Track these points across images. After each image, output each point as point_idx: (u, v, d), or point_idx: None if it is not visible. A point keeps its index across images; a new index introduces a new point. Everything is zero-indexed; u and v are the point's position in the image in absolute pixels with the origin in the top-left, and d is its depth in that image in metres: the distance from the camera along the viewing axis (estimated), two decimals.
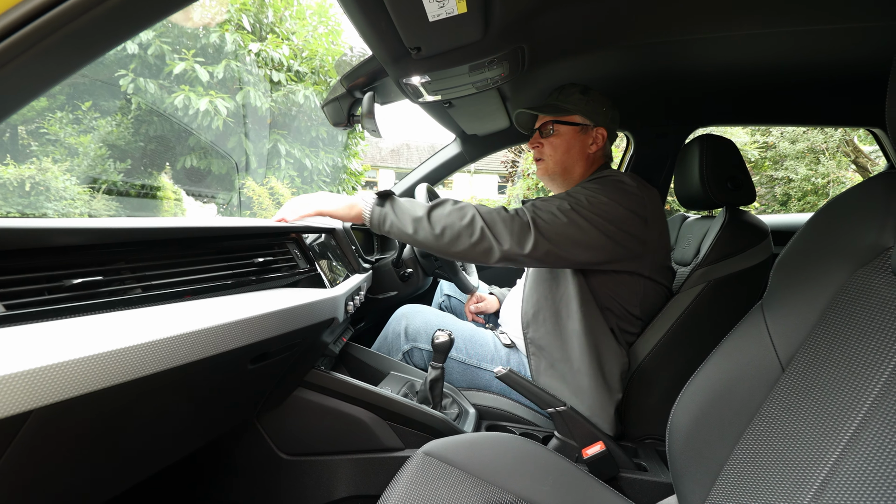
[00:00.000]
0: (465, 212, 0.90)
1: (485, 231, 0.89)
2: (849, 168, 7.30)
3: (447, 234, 0.89)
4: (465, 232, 0.89)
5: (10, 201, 4.19)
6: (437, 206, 0.92)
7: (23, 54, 0.37)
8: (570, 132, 1.10)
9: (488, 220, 0.89)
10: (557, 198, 0.96)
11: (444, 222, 0.89)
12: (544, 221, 0.91)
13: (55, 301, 0.49)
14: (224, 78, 5.88)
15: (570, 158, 1.11)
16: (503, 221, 0.90)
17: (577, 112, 1.08)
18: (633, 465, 0.96)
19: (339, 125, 1.13)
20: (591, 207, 0.93)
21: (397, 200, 0.94)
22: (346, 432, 0.97)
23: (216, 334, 0.60)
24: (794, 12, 0.84)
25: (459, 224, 0.89)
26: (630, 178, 1.02)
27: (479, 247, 0.89)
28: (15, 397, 0.41)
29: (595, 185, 0.98)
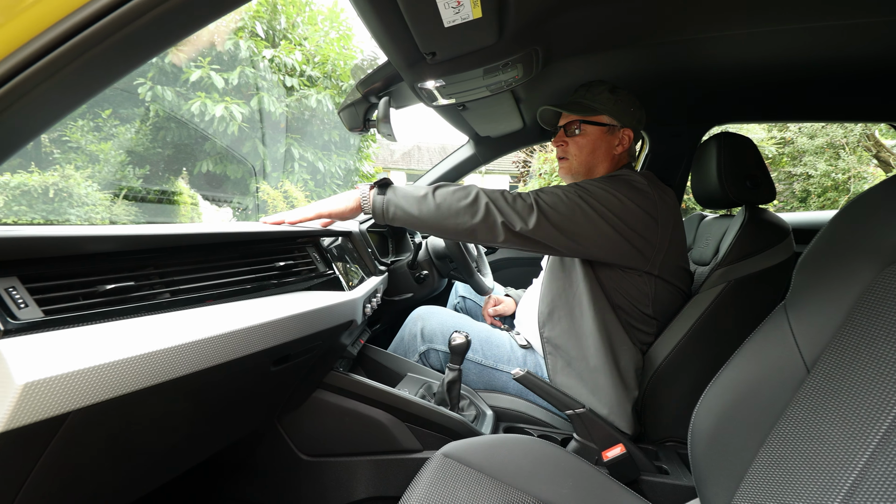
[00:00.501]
0: (468, 190, 0.91)
1: (489, 207, 0.89)
2: (870, 163, 7.09)
3: (452, 212, 0.90)
4: (469, 209, 0.89)
5: (35, 208, 4.32)
6: (440, 186, 0.93)
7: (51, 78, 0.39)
8: (597, 132, 1.08)
9: (492, 197, 0.90)
10: (565, 186, 0.97)
11: (448, 201, 0.90)
12: (547, 204, 0.92)
13: (90, 306, 0.51)
14: (239, 84, 5.99)
15: (595, 159, 1.10)
16: (506, 199, 0.91)
17: (606, 112, 1.06)
18: (654, 468, 0.95)
19: (355, 130, 1.15)
20: (597, 198, 0.93)
21: (398, 187, 0.95)
22: (364, 434, 0.98)
23: (242, 337, 0.62)
24: (811, 8, 0.83)
25: (464, 201, 0.90)
26: (642, 177, 1.00)
27: (484, 223, 0.89)
28: (54, 399, 0.43)
29: (605, 180, 0.98)
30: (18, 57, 0.38)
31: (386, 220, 0.95)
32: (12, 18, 0.38)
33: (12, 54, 0.38)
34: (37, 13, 0.38)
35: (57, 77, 0.39)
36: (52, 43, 0.38)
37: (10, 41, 0.38)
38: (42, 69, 0.39)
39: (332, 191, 7.20)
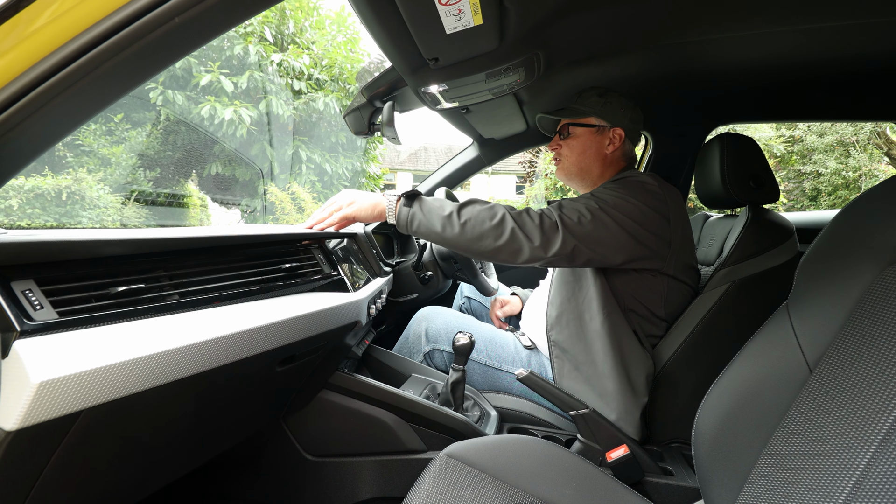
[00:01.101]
0: (494, 211, 0.91)
1: (514, 230, 0.89)
2: (882, 160, 6.97)
3: (476, 233, 0.89)
4: (494, 231, 0.89)
5: (48, 210, 4.41)
6: (466, 204, 0.92)
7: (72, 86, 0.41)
8: (586, 133, 1.11)
9: (517, 220, 0.90)
10: (583, 198, 0.97)
11: (473, 221, 0.90)
12: (571, 220, 0.91)
13: (102, 307, 0.53)
14: (248, 88, 6.06)
15: (586, 159, 1.12)
16: (532, 220, 0.90)
17: (593, 114, 1.09)
18: (658, 469, 0.95)
19: (360, 134, 1.16)
20: (617, 207, 0.94)
21: (425, 200, 0.94)
22: (369, 434, 0.99)
23: (248, 338, 0.63)
24: (813, 9, 0.83)
25: (489, 223, 0.89)
26: (651, 178, 1.02)
27: (508, 246, 0.89)
28: (67, 398, 0.44)
29: (618, 186, 0.98)
30: (39, 70, 0.40)
31: (409, 233, 0.95)
32: (29, 37, 0.40)
33: (33, 67, 0.40)
34: (54, 29, 0.40)
35: (74, 88, 0.41)
36: (69, 57, 0.40)
37: (29, 56, 0.40)
38: (61, 81, 0.40)
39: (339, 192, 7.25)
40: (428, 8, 0.66)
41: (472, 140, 1.75)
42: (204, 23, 0.43)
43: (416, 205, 0.93)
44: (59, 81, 0.41)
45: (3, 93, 0.40)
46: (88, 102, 0.44)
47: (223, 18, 0.45)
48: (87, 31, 0.40)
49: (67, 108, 0.42)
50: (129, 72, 0.43)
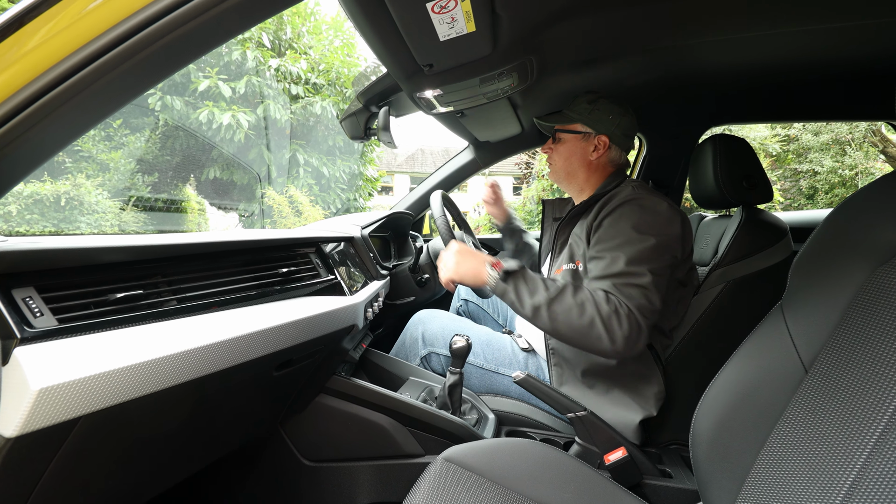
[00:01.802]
0: (584, 309, 0.90)
1: (601, 335, 0.89)
2: (878, 158, 7.00)
3: (564, 331, 0.91)
4: (582, 332, 0.90)
5: (47, 216, 4.41)
6: (558, 298, 0.92)
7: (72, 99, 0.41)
8: (572, 140, 1.13)
9: (606, 323, 0.89)
10: (630, 265, 0.94)
11: (563, 319, 0.91)
12: (646, 306, 0.91)
13: (101, 314, 0.53)
14: (246, 93, 6.07)
15: (572, 165, 1.14)
16: (619, 326, 0.89)
17: (580, 121, 1.11)
18: (657, 472, 0.95)
19: (356, 139, 1.17)
20: (654, 252, 0.94)
21: (520, 281, 0.95)
22: (366, 438, 1.00)
23: (244, 343, 0.64)
24: (806, 12, 0.84)
25: (578, 322, 0.90)
26: (650, 196, 1.00)
27: (594, 346, 0.91)
28: (66, 404, 0.45)
29: (632, 221, 0.96)
30: (41, 83, 0.40)
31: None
32: (32, 50, 0.41)
33: (35, 80, 0.40)
34: (56, 44, 0.41)
35: (74, 100, 0.42)
36: (69, 70, 0.41)
37: (32, 68, 0.40)
38: (61, 94, 0.41)
39: (336, 195, 7.26)
40: (421, 16, 0.67)
41: (468, 143, 1.76)
42: (204, 34, 0.44)
43: (511, 282, 0.95)
44: (60, 94, 0.41)
45: (7, 105, 0.40)
46: (88, 114, 0.44)
47: (223, 30, 0.46)
48: (86, 46, 0.41)
49: (68, 120, 0.43)
50: (128, 84, 0.44)
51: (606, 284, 0.94)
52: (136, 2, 0.41)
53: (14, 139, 0.41)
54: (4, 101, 0.40)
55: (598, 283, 0.95)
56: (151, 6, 0.41)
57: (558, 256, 1.12)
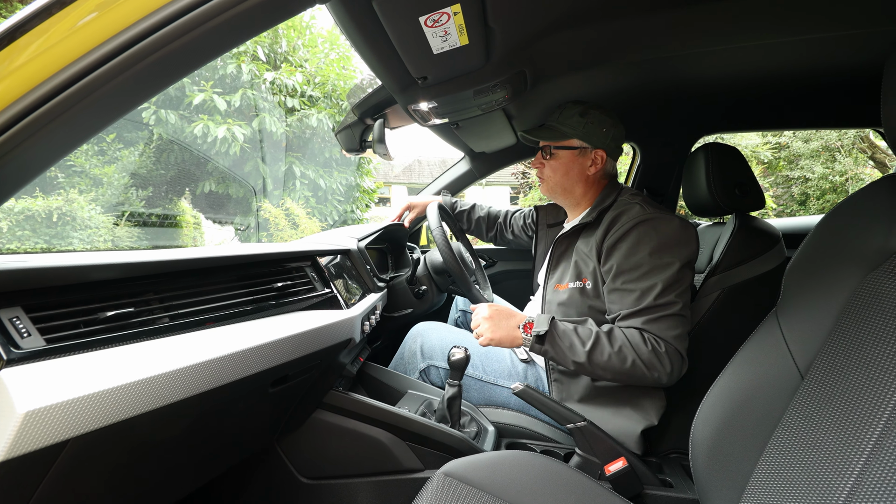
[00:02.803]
0: (623, 356, 0.92)
1: (644, 373, 0.92)
2: (867, 164, 7.12)
3: (609, 377, 0.94)
4: (626, 374, 0.92)
5: (38, 232, 4.37)
6: (596, 349, 0.93)
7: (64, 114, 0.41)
8: (569, 155, 1.11)
9: (647, 363, 0.91)
10: (660, 297, 0.93)
11: (605, 367, 0.92)
12: (682, 335, 0.94)
13: (90, 333, 0.52)
14: (241, 106, 6.10)
15: (568, 180, 1.13)
16: (660, 362, 0.91)
17: (575, 136, 1.09)
18: (657, 481, 0.94)
19: (351, 151, 1.17)
20: (676, 276, 0.94)
21: (554, 340, 0.95)
22: (365, 454, 0.98)
23: (239, 360, 0.63)
24: (794, 23, 0.85)
25: (621, 368, 0.92)
26: (662, 215, 0.99)
27: (637, 382, 0.94)
28: (53, 427, 0.44)
29: (652, 245, 0.96)
30: (34, 96, 0.40)
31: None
32: (22, 66, 0.40)
33: (28, 93, 0.40)
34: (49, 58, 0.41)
35: (69, 114, 0.42)
36: (64, 84, 0.41)
37: (23, 83, 0.40)
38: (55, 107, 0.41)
39: (334, 207, 7.26)
40: (415, 30, 0.68)
41: (464, 154, 1.77)
42: (199, 48, 0.44)
43: (549, 344, 0.95)
44: (52, 109, 0.41)
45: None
46: (81, 129, 0.44)
47: (218, 43, 0.46)
48: (79, 60, 0.41)
49: (60, 135, 0.42)
50: (121, 98, 0.44)
51: (639, 322, 0.94)
52: (129, 17, 0.41)
53: (4, 154, 0.40)
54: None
55: (630, 320, 0.95)
56: (144, 21, 0.41)
57: (556, 269, 1.12)
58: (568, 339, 0.94)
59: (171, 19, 0.42)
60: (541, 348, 0.95)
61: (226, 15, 0.43)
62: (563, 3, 0.75)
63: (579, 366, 0.93)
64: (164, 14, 0.42)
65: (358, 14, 0.65)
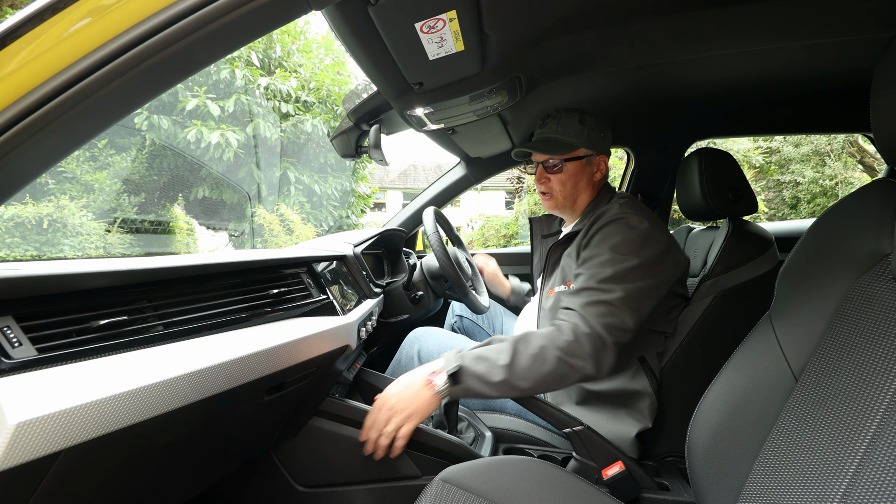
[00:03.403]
0: (544, 355, 0.87)
1: (571, 364, 0.87)
2: (856, 168, 7.24)
3: (537, 386, 0.87)
4: (551, 376, 0.87)
5: (28, 239, 4.32)
6: (515, 360, 0.87)
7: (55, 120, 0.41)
8: (577, 166, 1.09)
9: (567, 351, 0.87)
10: (602, 282, 0.93)
11: (529, 376, 0.87)
12: (613, 324, 0.90)
13: (83, 342, 0.52)
14: (235, 111, 6.09)
15: (577, 190, 1.11)
16: (579, 346, 0.88)
17: (581, 145, 1.08)
18: (654, 485, 0.94)
19: (347, 157, 1.17)
20: (634, 273, 0.93)
21: (468, 372, 0.87)
22: (362, 461, 0.97)
23: (234, 368, 0.62)
24: (786, 30, 0.87)
25: (542, 370, 0.87)
26: (635, 215, 0.99)
27: (565, 381, 0.89)
28: (44, 439, 0.43)
29: (615, 241, 0.96)
30: (24, 104, 0.40)
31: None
32: (10, 74, 0.40)
33: (18, 101, 0.40)
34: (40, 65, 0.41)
35: (60, 121, 0.41)
36: (55, 91, 0.40)
37: (10, 92, 0.40)
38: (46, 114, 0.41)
39: (329, 212, 7.25)
40: (411, 36, 0.68)
41: (460, 159, 1.78)
42: (193, 54, 0.44)
43: (464, 380, 0.88)
44: (43, 116, 0.41)
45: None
46: (72, 136, 0.44)
47: (212, 49, 0.46)
48: (70, 67, 0.40)
49: (51, 142, 0.42)
50: (113, 105, 0.43)
51: (577, 303, 0.93)
52: (123, 23, 0.41)
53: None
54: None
55: (571, 299, 0.95)
56: (138, 27, 0.41)
57: (551, 277, 1.13)
58: (483, 362, 0.88)
59: (166, 25, 0.42)
60: (460, 388, 0.87)
61: (220, 21, 0.43)
62: (559, 9, 0.76)
63: (505, 385, 0.86)
64: (158, 20, 0.41)
65: (354, 20, 0.65)
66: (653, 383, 1.03)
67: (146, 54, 0.41)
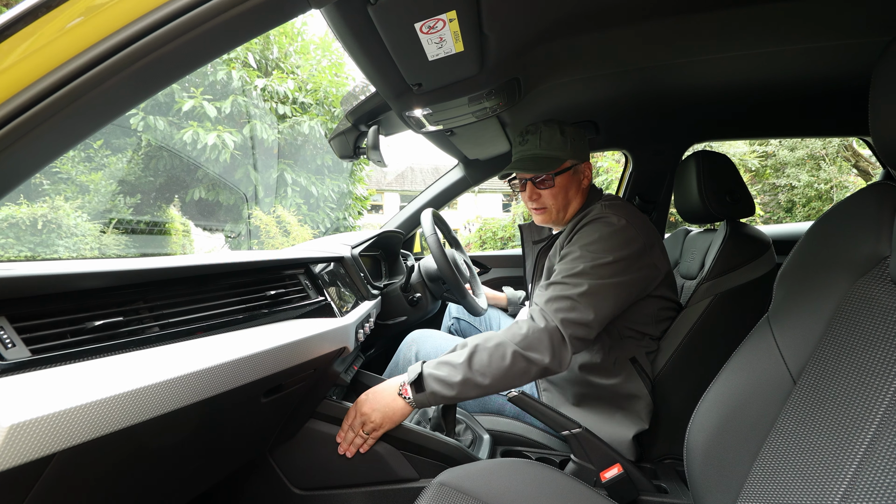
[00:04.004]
0: (503, 350, 0.89)
1: (529, 357, 0.89)
2: (850, 172, 7.31)
3: (497, 381, 0.89)
4: (510, 371, 0.88)
5: (22, 240, 4.28)
6: (474, 358, 0.89)
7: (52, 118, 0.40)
8: (566, 178, 1.11)
9: (524, 346, 0.89)
10: (568, 276, 0.94)
11: (488, 372, 0.88)
12: (573, 320, 0.91)
13: (78, 344, 0.51)
14: (231, 113, 6.07)
15: (568, 199, 1.12)
16: (539, 341, 0.89)
17: (567, 157, 1.09)
18: (652, 488, 0.94)
19: (345, 158, 1.17)
20: (603, 270, 0.93)
21: (431, 377, 0.90)
22: (359, 464, 0.96)
23: (231, 369, 0.62)
24: (786, 32, 0.87)
25: (502, 365, 0.88)
26: (615, 215, 1.00)
27: (526, 376, 0.90)
28: (38, 441, 0.42)
29: (590, 238, 0.97)
30: (18, 101, 0.39)
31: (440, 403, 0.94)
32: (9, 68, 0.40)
33: (12, 98, 0.39)
34: (35, 62, 0.40)
35: (54, 119, 0.41)
36: (50, 88, 0.40)
37: (10, 86, 0.39)
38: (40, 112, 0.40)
39: (326, 214, 7.23)
40: (410, 36, 0.68)
41: (458, 161, 1.78)
42: (191, 51, 0.44)
43: (428, 386, 0.90)
44: (37, 114, 0.40)
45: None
46: (67, 135, 0.43)
47: (210, 47, 0.45)
48: (66, 64, 0.40)
49: (45, 141, 0.42)
50: (109, 103, 0.43)
51: (542, 299, 0.95)
52: (118, 19, 0.41)
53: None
54: None
55: (539, 294, 0.97)
56: (134, 24, 0.41)
57: (539, 281, 1.13)
58: (444, 366, 0.90)
59: (164, 22, 0.41)
60: (424, 395, 0.89)
61: (219, 18, 0.42)
62: (558, 11, 0.76)
63: (466, 384, 0.88)
64: (156, 16, 0.41)
65: (353, 20, 0.65)
66: (647, 385, 1.03)
67: (144, 51, 0.41)
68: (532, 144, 1.10)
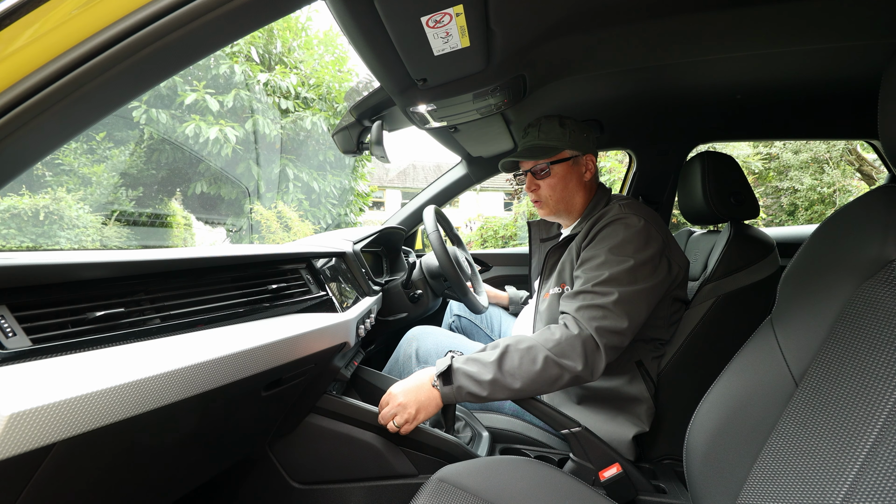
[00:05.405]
0: (534, 354, 0.88)
1: (561, 364, 0.88)
2: (854, 176, 7.28)
3: (528, 386, 0.88)
4: (541, 375, 0.88)
5: (24, 231, 4.29)
6: (505, 358, 0.88)
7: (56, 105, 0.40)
8: (565, 168, 1.10)
9: (556, 352, 0.88)
10: (598, 285, 0.93)
11: (519, 375, 0.88)
12: (606, 328, 0.90)
13: (79, 334, 0.51)
14: (234, 107, 6.06)
15: (569, 192, 1.11)
16: (572, 348, 0.88)
17: (565, 147, 1.08)
18: (651, 488, 0.94)
19: (349, 153, 1.17)
20: (631, 275, 0.92)
21: (459, 371, 0.90)
22: (358, 459, 0.97)
23: (232, 362, 0.61)
24: (792, 33, 0.87)
25: (532, 369, 0.87)
26: (634, 215, 1.00)
27: (558, 383, 0.89)
28: (37, 431, 0.42)
29: (613, 242, 0.96)
30: (20, 89, 0.39)
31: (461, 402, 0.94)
32: (11, 55, 0.39)
33: (14, 86, 0.39)
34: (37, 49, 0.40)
35: (56, 108, 0.40)
36: (52, 76, 0.40)
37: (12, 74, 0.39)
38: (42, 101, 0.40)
39: (327, 210, 7.23)
40: (416, 31, 0.68)
41: (461, 158, 1.77)
42: (196, 41, 0.43)
43: (456, 380, 0.90)
44: (39, 102, 0.40)
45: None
46: (69, 124, 0.43)
47: (215, 37, 0.45)
48: (68, 52, 0.39)
49: (47, 130, 0.41)
50: (112, 93, 0.43)
51: (573, 307, 0.94)
52: (122, 8, 0.40)
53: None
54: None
55: (567, 303, 0.95)
56: (138, 13, 0.40)
57: (547, 280, 1.13)
58: (474, 363, 0.90)
59: (168, 11, 0.41)
60: (453, 388, 0.88)
61: (224, 8, 0.42)
62: (565, 8, 0.75)
63: (495, 384, 0.88)
64: (160, 4, 0.41)
65: (359, 12, 0.65)
66: (650, 388, 1.03)
67: (148, 40, 0.40)
68: (532, 136, 1.11)
